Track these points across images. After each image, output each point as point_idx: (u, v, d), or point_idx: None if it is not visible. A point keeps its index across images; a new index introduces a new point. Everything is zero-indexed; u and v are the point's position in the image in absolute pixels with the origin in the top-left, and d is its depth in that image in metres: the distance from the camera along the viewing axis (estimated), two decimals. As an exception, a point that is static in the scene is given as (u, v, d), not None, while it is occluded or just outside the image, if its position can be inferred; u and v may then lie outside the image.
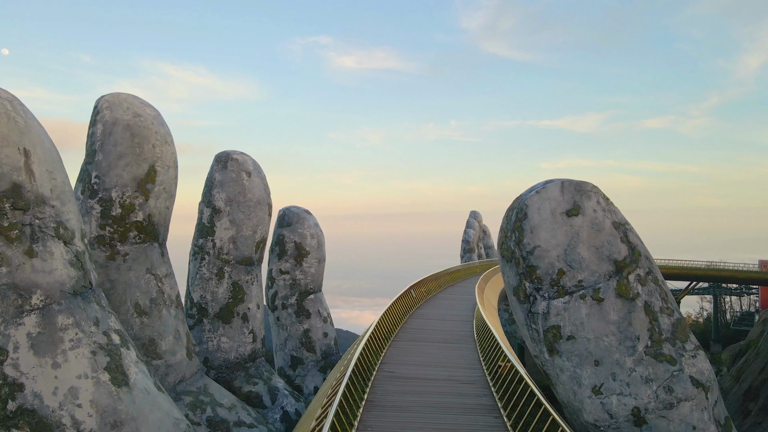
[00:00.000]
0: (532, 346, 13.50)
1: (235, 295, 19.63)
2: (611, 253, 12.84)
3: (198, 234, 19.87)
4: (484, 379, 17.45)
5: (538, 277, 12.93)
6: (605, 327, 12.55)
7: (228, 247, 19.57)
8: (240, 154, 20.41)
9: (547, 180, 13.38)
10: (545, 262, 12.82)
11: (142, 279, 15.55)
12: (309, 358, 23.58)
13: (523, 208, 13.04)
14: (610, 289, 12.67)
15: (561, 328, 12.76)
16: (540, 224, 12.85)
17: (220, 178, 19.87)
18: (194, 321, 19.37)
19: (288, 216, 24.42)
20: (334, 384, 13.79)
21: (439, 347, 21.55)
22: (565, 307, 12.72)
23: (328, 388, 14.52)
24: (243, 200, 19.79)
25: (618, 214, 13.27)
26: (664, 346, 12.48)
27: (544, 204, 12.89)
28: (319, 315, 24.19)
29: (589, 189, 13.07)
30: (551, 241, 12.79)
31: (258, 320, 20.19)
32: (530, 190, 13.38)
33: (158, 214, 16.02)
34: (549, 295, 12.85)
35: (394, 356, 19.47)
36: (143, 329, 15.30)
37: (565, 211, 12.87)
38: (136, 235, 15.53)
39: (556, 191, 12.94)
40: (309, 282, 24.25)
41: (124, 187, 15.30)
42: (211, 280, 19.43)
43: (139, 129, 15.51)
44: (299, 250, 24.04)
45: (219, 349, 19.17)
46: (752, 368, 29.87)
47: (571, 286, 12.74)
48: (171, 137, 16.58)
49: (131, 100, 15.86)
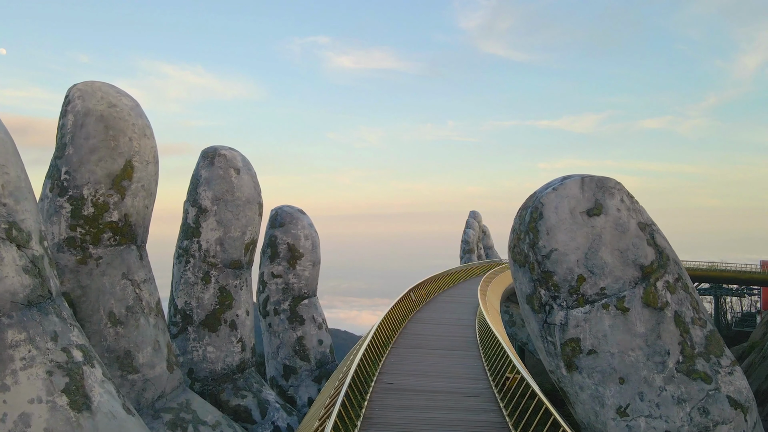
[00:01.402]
0: (548, 360, 12.15)
1: (222, 301, 18.24)
2: (637, 258, 11.48)
3: (182, 235, 18.50)
4: (490, 392, 16.32)
5: (555, 284, 11.57)
6: (631, 340, 11.20)
7: (215, 249, 18.19)
8: (228, 150, 19.04)
9: (564, 176, 12.02)
10: (563, 268, 11.46)
11: (117, 285, 14.17)
12: (303, 367, 22.19)
13: (539, 207, 11.68)
14: (636, 297, 11.32)
15: (581, 341, 11.41)
16: (557, 225, 11.49)
17: (206, 175, 18.49)
18: (178, 329, 17.99)
19: (280, 216, 23.03)
20: (328, 403, 12.47)
21: (441, 355, 20.56)
22: (585, 318, 11.37)
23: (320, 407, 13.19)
24: (231, 199, 18.41)
25: (644, 214, 11.93)
26: (698, 361, 11.13)
27: (562, 202, 11.53)
28: (313, 321, 22.79)
29: (612, 186, 11.72)
30: (570, 243, 11.43)
31: (247, 328, 18.80)
32: (546, 186, 12.02)
33: (136, 214, 14.64)
34: (567, 304, 11.49)
35: (394, 365, 18.37)
36: (118, 340, 13.92)
37: (586, 210, 11.51)
38: (111, 236, 14.15)
39: (575, 188, 11.58)
40: (303, 286, 22.85)
41: (97, 184, 13.93)
42: (196, 285, 18.04)
43: (114, 120, 14.14)
44: (292, 252, 22.65)
45: (205, 360, 17.78)
46: (759, 371, 28.73)
47: (593, 294, 11.39)
48: (150, 130, 15.21)
49: (106, 89, 14.48)
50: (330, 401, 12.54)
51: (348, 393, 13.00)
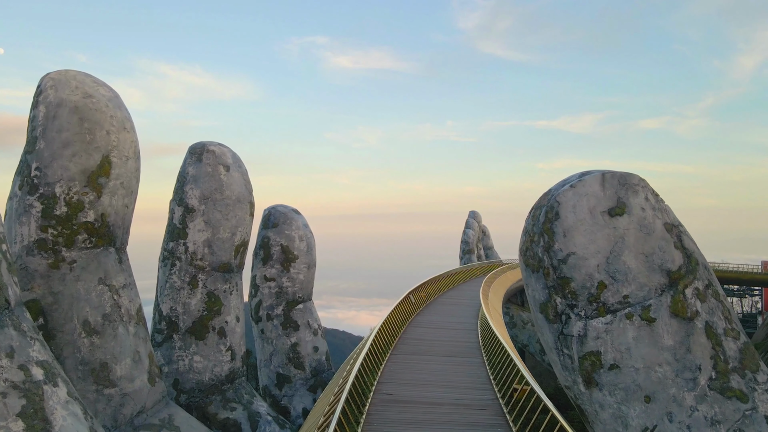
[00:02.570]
0: (563, 375, 11.03)
1: (210, 306, 17.09)
2: (663, 262, 10.37)
3: (168, 237, 17.35)
4: (496, 404, 15.30)
5: (572, 292, 10.45)
6: (658, 354, 10.08)
7: (202, 251, 17.03)
8: (217, 146, 17.90)
9: (582, 171, 10.90)
10: (582, 273, 10.34)
11: (93, 291, 13.03)
12: (297, 375, 21.03)
13: (554, 207, 10.55)
14: (662, 306, 10.21)
15: (601, 354, 10.29)
16: (575, 226, 10.37)
17: (193, 172, 17.34)
18: (163, 337, 16.84)
19: (274, 216, 21.87)
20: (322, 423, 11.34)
21: (443, 362, 19.62)
22: (606, 329, 10.25)
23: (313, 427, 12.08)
24: (220, 198, 17.27)
25: (670, 214, 10.81)
26: (732, 378, 10.02)
27: (580, 201, 10.41)
28: (308, 327, 21.63)
29: (636, 182, 10.61)
30: (590, 246, 10.32)
31: (237, 335, 17.65)
32: (562, 183, 10.89)
33: (114, 214, 13.51)
34: (586, 314, 10.38)
35: (393, 374, 17.42)
36: (93, 352, 12.78)
37: (607, 209, 10.39)
38: (86, 238, 13.01)
39: (595, 185, 10.45)
40: (297, 290, 21.71)
41: (70, 181, 12.78)
42: (182, 290, 16.88)
43: (89, 112, 13.00)
44: (286, 255, 21.50)
45: (191, 370, 16.63)
46: None
47: (615, 302, 10.27)
48: (131, 123, 14.07)
49: (81, 78, 13.34)
50: (324, 420, 11.43)
51: (345, 408, 11.96)
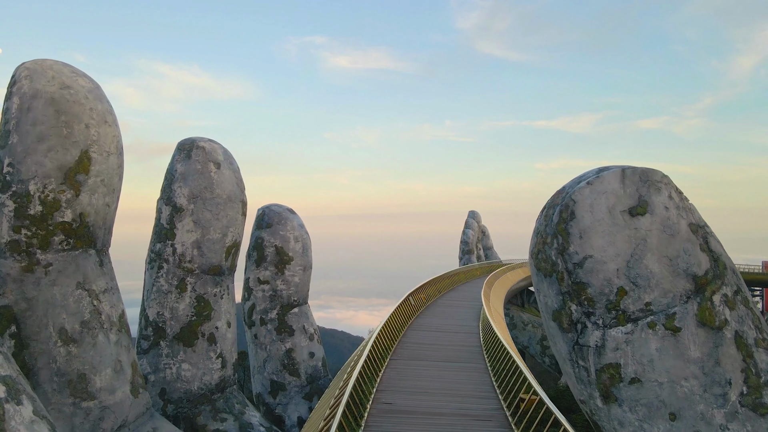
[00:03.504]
0: (578, 388, 10.15)
1: (199, 311, 16.18)
2: (689, 266, 9.49)
3: (155, 237, 16.44)
4: (502, 414, 14.50)
5: (589, 298, 9.57)
6: (684, 367, 9.21)
7: (191, 253, 16.13)
8: (208, 142, 16.99)
9: (600, 167, 10.00)
10: (600, 278, 9.47)
11: (70, 296, 12.13)
12: (292, 382, 20.12)
13: (570, 205, 9.67)
14: (688, 314, 9.33)
15: (621, 367, 9.42)
16: (593, 227, 9.49)
17: (182, 169, 16.43)
18: (149, 343, 15.93)
19: (268, 216, 20.95)
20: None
21: (444, 368, 18.87)
22: (627, 339, 9.37)
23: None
24: (210, 196, 16.36)
25: (695, 213, 9.94)
26: (765, 393, 9.15)
27: (598, 199, 9.53)
28: (304, 332, 20.72)
29: (659, 179, 9.72)
30: (608, 249, 9.44)
31: (228, 341, 16.74)
32: (578, 180, 10.01)
33: (94, 213, 12.60)
34: (604, 323, 9.50)
35: (392, 381, 16.65)
36: (70, 362, 11.88)
37: (628, 208, 9.51)
38: (63, 239, 12.11)
39: (614, 182, 9.57)
40: (292, 293, 20.79)
41: (46, 178, 11.88)
42: (170, 294, 15.98)
43: (67, 104, 12.10)
44: (281, 256, 20.59)
45: (179, 379, 15.72)
46: None
47: (636, 310, 9.39)
48: (113, 116, 13.17)
49: (59, 68, 12.45)
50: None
51: (342, 422, 11.11)
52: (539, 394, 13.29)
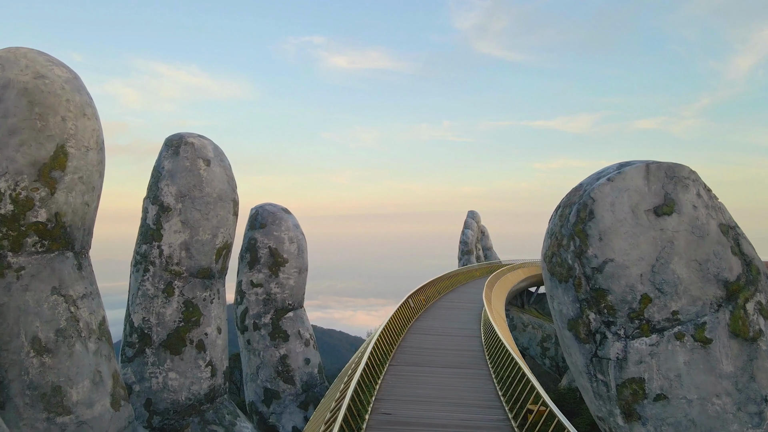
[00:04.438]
0: (596, 404, 9.28)
1: (187, 317, 15.27)
2: (720, 271, 8.63)
3: (141, 239, 15.54)
4: (508, 426, 13.79)
5: (609, 306, 8.70)
6: (715, 383, 8.35)
7: (179, 255, 15.23)
8: (197, 138, 16.09)
9: (621, 162, 9.12)
10: (621, 284, 8.61)
11: (45, 302, 11.23)
12: (287, 390, 19.23)
13: (588, 204, 8.80)
14: (720, 324, 8.47)
15: (645, 382, 8.56)
16: (614, 227, 8.63)
17: (169, 166, 15.53)
18: (134, 351, 15.02)
19: (261, 216, 20.05)
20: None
21: (445, 375, 18.13)
22: (651, 352, 8.51)
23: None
24: (199, 195, 15.46)
25: (725, 213, 9.08)
26: (805, 411, 8.29)
27: (620, 197, 8.66)
28: (299, 337, 19.82)
29: (686, 175, 8.86)
30: (631, 252, 8.58)
31: (219, 348, 15.84)
32: (597, 176, 9.13)
33: (71, 213, 11.71)
34: (626, 333, 8.64)
35: (392, 389, 15.88)
36: (44, 373, 10.98)
37: (653, 207, 8.65)
38: (37, 241, 11.22)
39: (638, 178, 8.70)
40: (287, 296, 19.90)
41: (17, 174, 11.00)
42: (156, 298, 15.07)
43: (42, 95, 11.21)
44: (275, 258, 19.70)
45: (166, 388, 14.81)
46: None
47: (662, 319, 8.53)
48: (93, 109, 12.28)
49: (33, 56, 11.55)
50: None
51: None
52: (549, 405, 12.47)
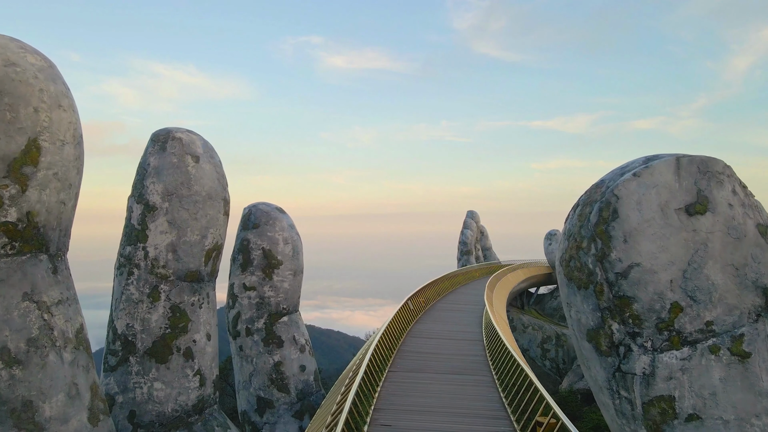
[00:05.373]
0: (619, 423, 8.39)
1: (174, 323, 14.36)
2: (759, 277, 7.75)
3: (125, 240, 14.63)
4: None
5: (635, 316, 7.82)
6: (755, 401, 7.47)
7: (165, 257, 14.32)
8: (186, 133, 15.19)
9: (647, 156, 8.24)
10: (649, 292, 7.73)
11: (15, 309, 10.31)
12: (281, 399, 18.32)
13: (612, 202, 7.91)
14: (759, 336, 7.60)
15: (676, 400, 7.67)
16: (641, 228, 7.74)
17: (156, 163, 14.62)
18: (117, 360, 14.10)
19: (255, 215, 19.13)
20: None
21: (447, 381, 17.34)
22: (683, 367, 7.63)
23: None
24: (187, 194, 14.56)
25: (762, 212, 8.19)
26: None
27: (647, 194, 7.78)
28: (294, 343, 18.91)
29: (720, 170, 7.97)
30: (660, 256, 7.69)
31: (208, 356, 14.92)
32: (621, 171, 8.23)
33: (45, 212, 10.80)
34: (654, 346, 7.76)
35: (391, 397, 15.03)
36: (14, 387, 10.06)
37: (684, 206, 7.76)
38: (7, 243, 10.31)
39: (667, 173, 7.81)
40: (281, 300, 18.99)
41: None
42: (141, 303, 14.16)
43: (11, 84, 10.30)
44: (269, 260, 18.78)
45: (151, 399, 13.90)
46: None
47: (694, 331, 7.65)
48: (69, 100, 11.37)
49: (4, 43, 10.65)
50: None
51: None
52: (561, 417, 11.60)
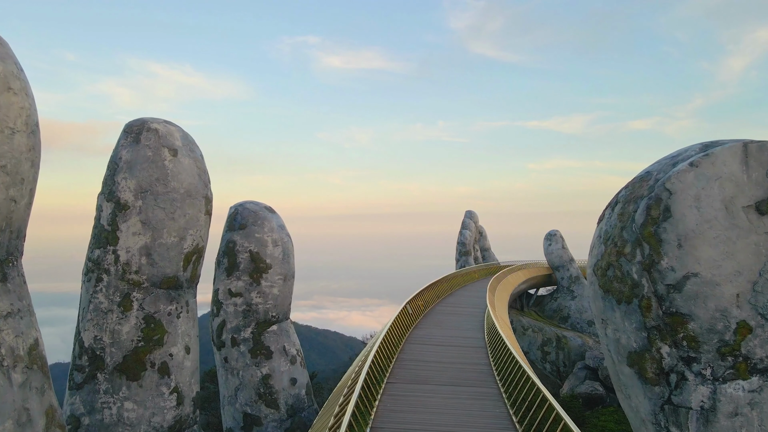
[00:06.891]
0: (667, 464, 6.95)
1: (148, 335, 12.86)
2: (844, 290, 6.32)
3: (94, 242, 13.13)
4: None
5: (691, 337, 6.39)
6: (844, 444, 6.07)
7: (138, 261, 12.82)
8: (162, 123, 13.70)
9: (705, 142, 6.80)
10: (710, 308, 6.30)
11: (-48, 325, 8.78)
12: (269, 416, 16.83)
13: (663, 198, 6.48)
14: None
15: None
16: (700, 230, 6.31)
17: (128, 157, 13.13)
18: (84, 377, 12.60)
19: (241, 215, 17.63)
20: None
21: (450, 394, 16.07)
22: (752, 400, 6.22)
23: None
24: (164, 191, 13.07)
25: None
26: None
27: (708, 188, 6.35)
28: (284, 354, 17.42)
29: (796, 159, 6.54)
30: (724, 264, 6.27)
31: (186, 372, 13.42)
32: (672, 159, 6.79)
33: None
34: (715, 374, 6.33)
35: (390, 413, 13.63)
36: (-51, 416, 8.54)
37: (755, 203, 6.34)
38: (-58, 247, 8.77)
39: (732, 163, 6.38)
40: (270, 307, 17.49)
41: None
42: (110, 313, 12.66)
43: (-52, 62, 8.75)
44: (257, 263, 17.28)
45: (120, 421, 12.40)
46: None
47: (766, 356, 6.23)
48: (22, 82, 9.81)
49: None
50: None
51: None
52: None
